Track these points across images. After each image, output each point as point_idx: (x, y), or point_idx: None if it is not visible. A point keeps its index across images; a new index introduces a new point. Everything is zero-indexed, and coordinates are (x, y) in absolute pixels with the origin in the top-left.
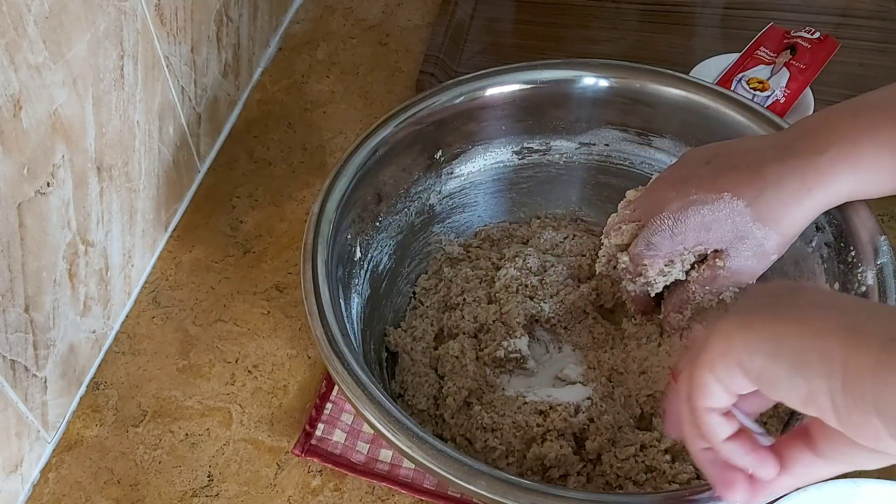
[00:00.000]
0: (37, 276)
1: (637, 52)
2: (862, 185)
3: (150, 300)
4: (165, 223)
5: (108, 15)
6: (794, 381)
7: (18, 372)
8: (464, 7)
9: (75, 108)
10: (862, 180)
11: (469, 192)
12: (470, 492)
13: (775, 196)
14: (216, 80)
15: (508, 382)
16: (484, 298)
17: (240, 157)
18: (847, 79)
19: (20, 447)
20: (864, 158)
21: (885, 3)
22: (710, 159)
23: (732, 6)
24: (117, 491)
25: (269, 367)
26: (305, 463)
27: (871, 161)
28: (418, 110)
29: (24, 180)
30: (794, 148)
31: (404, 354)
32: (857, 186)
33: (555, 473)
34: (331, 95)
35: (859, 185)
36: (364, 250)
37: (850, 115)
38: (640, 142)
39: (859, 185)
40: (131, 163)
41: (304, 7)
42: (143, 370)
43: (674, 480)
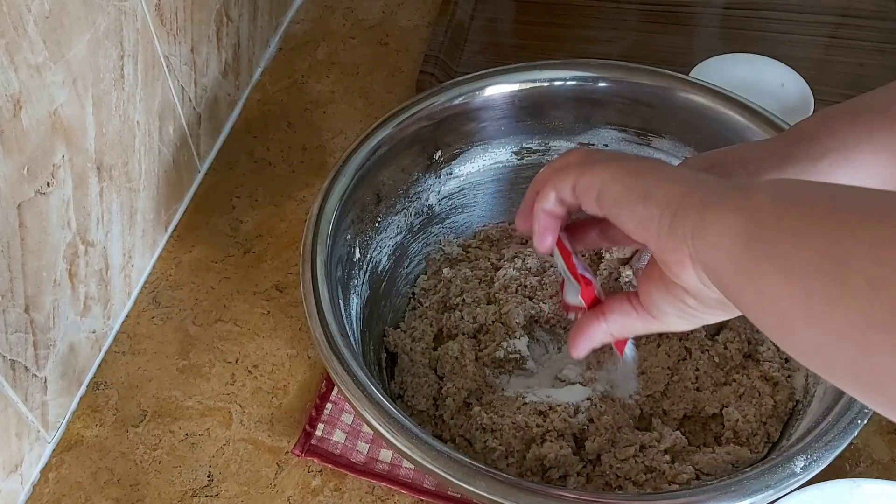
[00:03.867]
0: (37, 276)
1: (637, 52)
2: None
3: (150, 300)
4: (165, 223)
5: (108, 15)
6: (636, 207)
7: (18, 372)
8: (464, 7)
9: (75, 108)
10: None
11: (468, 192)
12: (469, 492)
13: None
14: (216, 80)
15: (508, 383)
16: (483, 299)
17: (240, 157)
18: (847, 79)
19: (20, 447)
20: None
21: (885, 3)
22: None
23: (732, 6)
24: (117, 491)
25: (269, 367)
26: (305, 463)
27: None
28: (418, 110)
29: (24, 180)
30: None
31: (403, 355)
32: None
33: (554, 474)
34: (331, 95)
35: None
36: (363, 251)
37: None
38: (639, 142)
39: None
40: (131, 163)
41: (304, 7)
42: (143, 370)
43: (673, 481)
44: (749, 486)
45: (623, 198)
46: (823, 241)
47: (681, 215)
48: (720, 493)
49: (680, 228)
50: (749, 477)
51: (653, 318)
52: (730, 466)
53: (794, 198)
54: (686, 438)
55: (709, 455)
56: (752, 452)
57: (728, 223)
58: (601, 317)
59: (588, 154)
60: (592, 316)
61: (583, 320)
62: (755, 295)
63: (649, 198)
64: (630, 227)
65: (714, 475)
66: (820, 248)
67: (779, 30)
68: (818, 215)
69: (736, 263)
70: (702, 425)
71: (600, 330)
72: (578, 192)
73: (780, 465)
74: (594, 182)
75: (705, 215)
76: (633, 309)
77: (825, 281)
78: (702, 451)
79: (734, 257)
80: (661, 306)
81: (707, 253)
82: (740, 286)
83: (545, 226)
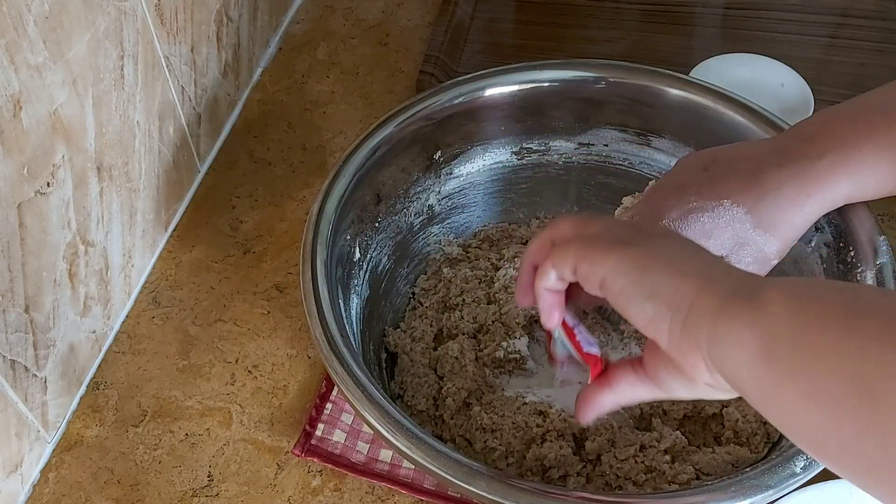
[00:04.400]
0: (37, 276)
1: (637, 52)
2: (861, 189)
3: (150, 300)
4: (165, 223)
5: (108, 15)
6: (645, 306)
7: (18, 372)
8: (464, 7)
9: (75, 108)
10: (861, 184)
11: (468, 192)
12: (469, 492)
13: (775, 202)
14: (216, 80)
15: (508, 383)
16: (483, 299)
17: (240, 157)
18: (847, 79)
19: (20, 447)
20: (863, 162)
21: (885, 3)
22: (708, 166)
23: (732, 6)
24: (117, 491)
25: (269, 367)
26: (305, 463)
27: (870, 165)
28: (418, 110)
29: (24, 180)
30: (793, 153)
31: (403, 355)
32: (856, 190)
33: (554, 474)
34: (331, 95)
35: (858, 188)
36: (363, 251)
37: (849, 119)
38: (639, 142)
39: (858, 188)
40: (131, 163)
41: (304, 7)
42: (143, 370)
43: (673, 481)
44: (749, 486)
45: (629, 294)
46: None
47: (693, 321)
48: (720, 493)
49: (693, 335)
50: (749, 477)
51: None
52: (730, 466)
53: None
54: (686, 438)
55: (709, 455)
56: (752, 452)
57: (744, 338)
58: (608, 388)
59: (581, 226)
60: (599, 386)
61: (590, 390)
62: (780, 413)
63: (657, 296)
64: (639, 324)
65: (714, 475)
66: (843, 376)
67: (779, 30)
68: (837, 336)
69: (756, 380)
70: (702, 425)
71: (608, 400)
72: (579, 277)
73: (780, 465)
74: (596, 272)
75: (718, 325)
76: (640, 381)
77: (854, 410)
78: (702, 451)
79: (754, 374)
80: (671, 384)
81: (724, 365)
82: (764, 402)
83: (550, 303)
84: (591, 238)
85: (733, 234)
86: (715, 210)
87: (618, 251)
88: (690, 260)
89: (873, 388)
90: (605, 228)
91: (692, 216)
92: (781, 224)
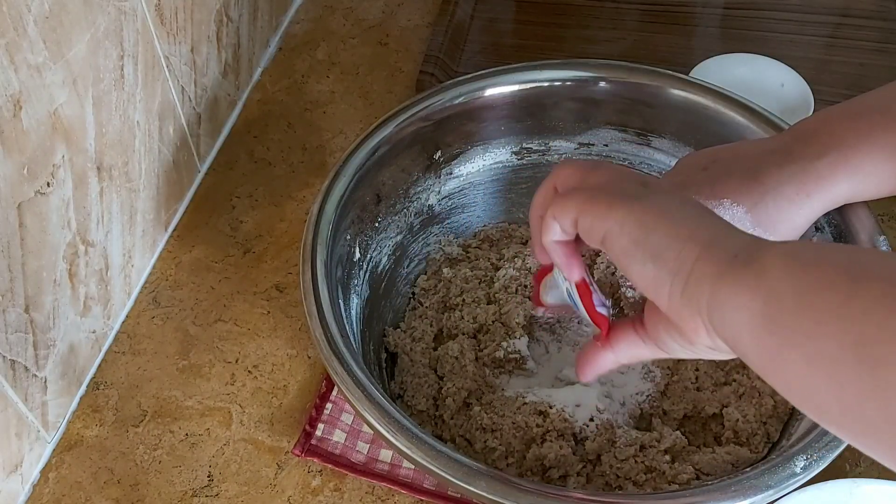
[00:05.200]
0: (37, 276)
1: (637, 52)
2: (860, 189)
3: (150, 300)
4: (165, 223)
5: (108, 15)
6: (646, 266)
7: (18, 372)
8: (464, 7)
9: (75, 108)
10: (860, 184)
11: (468, 192)
12: (470, 492)
13: (774, 202)
14: (216, 80)
15: (508, 383)
16: (483, 299)
17: (240, 157)
18: (847, 79)
19: (20, 447)
20: (863, 162)
21: (885, 3)
22: (707, 165)
23: (732, 6)
24: (117, 491)
25: (269, 367)
26: (305, 463)
27: (870, 165)
28: (418, 110)
29: (24, 180)
30: (793, 153)
31: (403, 355)
32: (856, 189)
33: (554, 474)
34: (331, 95)
35: (858, 188)
36: (363, 251)
37: (849, 118)
38: (639, 142)
39: (858, 188)
40: (131, 163)
41: (304, 7)
42: (143, 370)
43: (674, 481)
44: (749, 486)
45: (631, 253)
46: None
47: (693, 284)
48: (720, 493)
49: (694, 299)
50: (749, 477)
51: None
52: (730, 466)
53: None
54: (686, 438)
55: (709, 455)
56: (752, 452)
57: (745, 304)
58: (608, 347)
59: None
60: (600, 345)
61: (591, 349)
62: (783, 378)
63: (659, 258)
64: (639, 285)
65: (714, 475)
66: (845, 339)
67: (779, 30)
68: (839, 300)
69: (758, 345)
70: (702, 425)
71: (608, 360)
72: (581, 230)
73: (780, 465)
74: (597, 227)
75: (719, 290)
76: (641, 340)
77: (855, 374)
78: (702, 451)
79: (756, 339)
80: (670, 344)
81: (725, 330)
82: (766, 367)
83: (566, 255)
84: (594, 189)
85: None
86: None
87: (621, 206)
88: (695, 221)
89: (875, 351)
90: (610, 179)
91: None
92: (781, 223)
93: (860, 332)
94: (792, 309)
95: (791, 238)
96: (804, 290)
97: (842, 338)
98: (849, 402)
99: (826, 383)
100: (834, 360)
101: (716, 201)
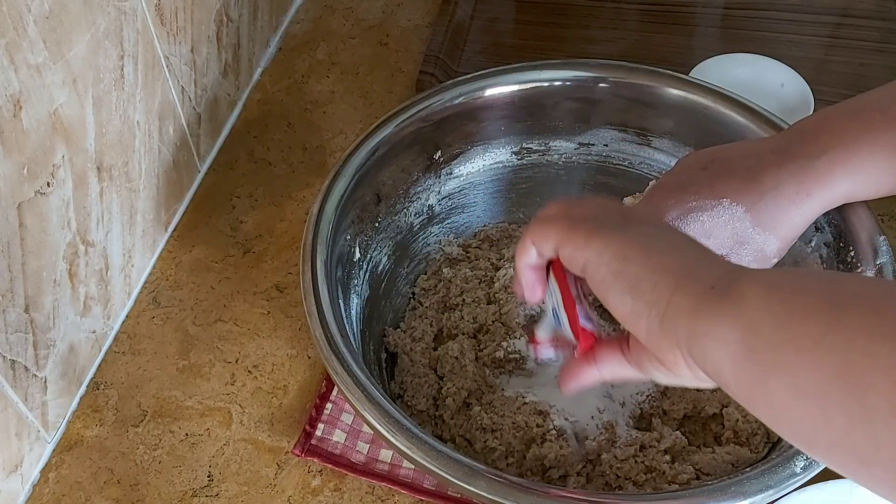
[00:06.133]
0: (37, 276)
1: (637, 52)
2: (860, 187)
3: (150, 300)
4: (165, 223)
5: (108, 15)
6: (624, 298)
7: (18, 372)
8: (464, 7)
9: (75, 108)
10: (860, 182)
11: (468, 192)
12: (469, 492)
13: (774, 201)
14: (216, 80)
15: (508, 383)
16: (483, 299)
17: (240, 157)
18: (847, 79)
19: (20, 447)
20: (862, 161)
21: (885, 3)
22: (707, 165)
23: (732, 6)
24: (117, 491)
25: (269, 367)
26: (305, 463)
27: (869, 164)
28: (418, 110)
29: (24, 180)
30: (792, 152)
31: (403, 355)
32: (856, 188)
33: (554, 474)
34: (331, 95)
35: (857, 187)
36: (363, 251)
37: (848, 118)
38: (639, 142)
39: (857, 187)
40: (131, 163)
41: (304, 7)
42: (143, 370)
43: (674, 481)
44: (749, 486)
45: (609, 284)
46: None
47: (670, 317)
48: (720, 493)
49: (672, 332)
50: (749, 477)
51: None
52: (730, 466)
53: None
54: (686, 438)
55: (709, 455)
56: (752, 452)
57: (724, 335)
58: (594, 364)
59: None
60: (585, 361)
61: (575, 364)
62: (767, 410)
63: (636, 290)
64: (618, 314)
65: (714, 475)
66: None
67: (779, 30)
68: (821, 329)
69: (739, 377)
70: (702, 425)
71: (592, 376)
72: (563, 258)
73: (780, 465)
74: (577, 257)
75: (697, 323)
76: (626, 361)
77: (842, 404)
78: (702, 451)
79: (737, 371)
80: (653, 372)
81: (706, 362)
82: (749, 399)
83: (532, 280)
84: (575, 218)
85: (733, 233)
86: (714, 209)
87: (600, 237)
88: (673, 251)
89: (861, 379)
90: (591, 211)
91: (692, 215)
92: (781, 223)
93: (845, 360)
94: (772, 339)
95: (791, 238)
96: (784, 320)
97: (826, 367)
98: (837, 433)
99: (812, 414)
100: (819, 389)
101: (715, 201)
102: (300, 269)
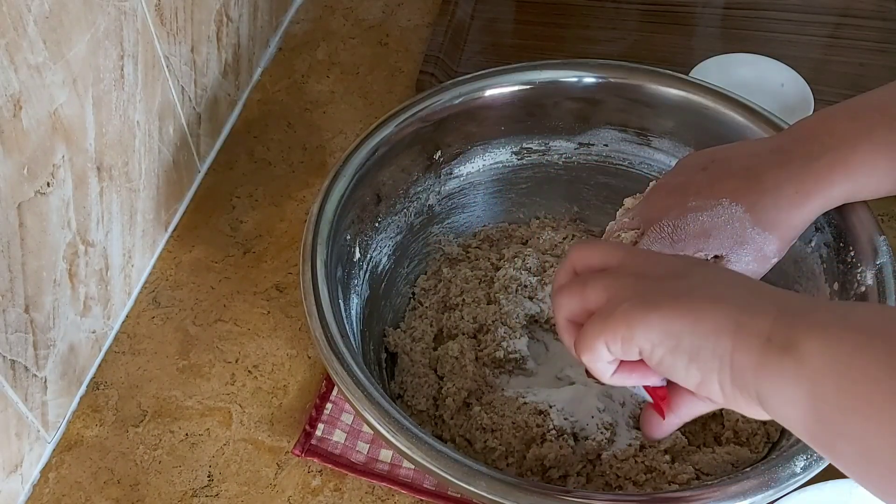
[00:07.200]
0: (37, 276)
1: (637, 52)
2: (860, 188)
3: (150, 300)
4: (165, 223)
5: (108, 15)
6: (690, 371)
7: (18, 372)
8: (464, 7)
9: (75, 108)
10: (859, 183)
11: (468, 192)
12: (470, 492)
13: (774, 201)
14: (216, 80)
15: (508, 383)
16: (483, 299)
17: (240, 157)
18: (847, 79)
19: (20, 447)
20: (862, 162)
21: (885, 3)
22: (707, 165)
23: (732, 6)
24: (117, 491)
25: (269, 367)
26: (305, 463)
27: (869, 164)
28: (418, 110)
29: (24, 180)
30: (792, 152)
31: (403, 355)
32: (855, 189)
33: (554, 474)
34: (331, 95)
35: (857, 187)
36: (363, 251)
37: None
38: (639, 142)
39: (857, 187)
40: (131, 163)
41: (304, 7)
42: (143, 370)
43: (674, 481)
44: (749, 486)
45: (670, 364)
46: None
47: (738, 377)
48: (720, 493)
49: (743, 391)
50: (749, 477)
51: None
52: (730, 466)
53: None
54: (686, 438)
55: (709, 455)
56: (752, 452)
57: (790, 397)
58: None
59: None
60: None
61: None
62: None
63: (697, 360)
64: (690, 387)
65: (714, 475)
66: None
67: (779, 30)
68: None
69: (811, 436)
70: (702, 425)
71: (673, 424)
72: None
73: (780, 465)
74: (628, 350)
75: (762, 383)
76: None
77: None
78: (702, 451)
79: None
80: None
81: (780, 418)
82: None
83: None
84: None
85: (732, 233)
86: (714, 209)
87: (641, 320)
88: (716, 305)
89: None
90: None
91: (691, 215)
92: (780, 223)
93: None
94: (838, 406)
95: (790, 238)
96: (848, 387)
97: (892, 437)
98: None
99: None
100: (887, 457)
101: (715, 201)
102: (300, 269)
